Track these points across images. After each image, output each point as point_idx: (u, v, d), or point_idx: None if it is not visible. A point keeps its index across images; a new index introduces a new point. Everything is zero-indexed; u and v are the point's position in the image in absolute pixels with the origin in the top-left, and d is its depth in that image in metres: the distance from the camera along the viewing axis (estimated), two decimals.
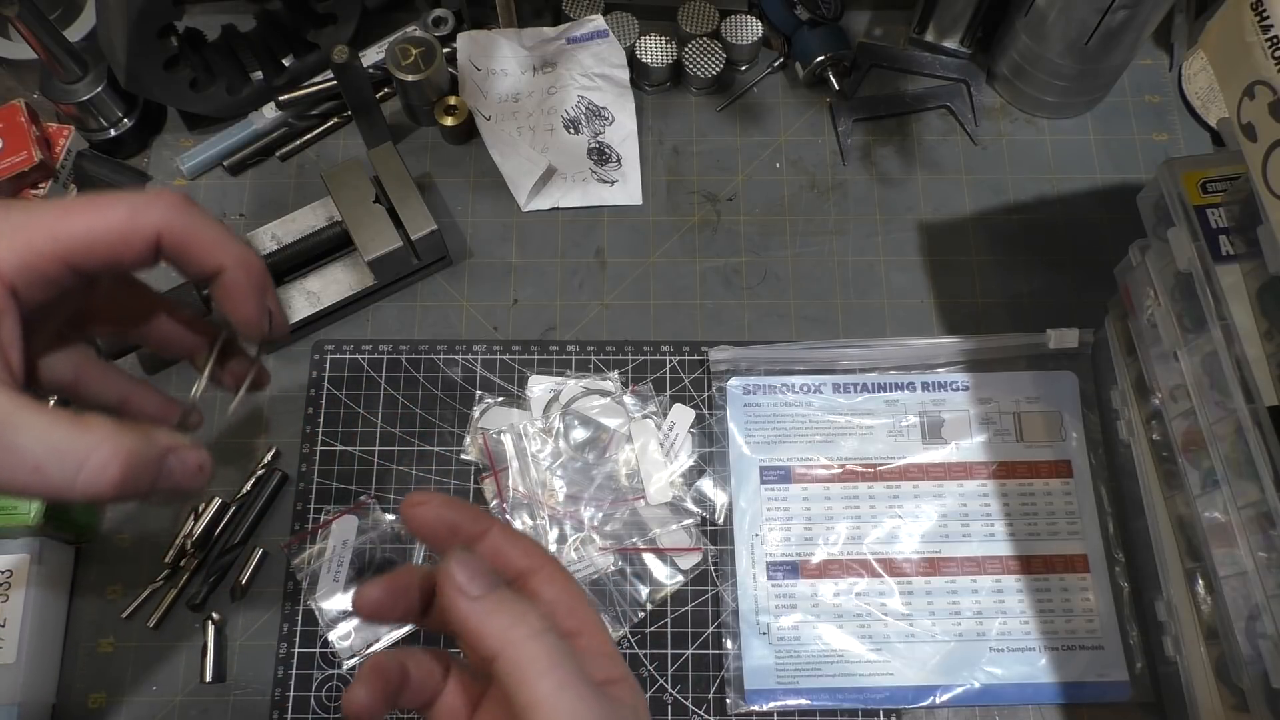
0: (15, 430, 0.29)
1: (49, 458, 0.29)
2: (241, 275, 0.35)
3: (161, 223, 0.33)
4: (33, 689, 0.55)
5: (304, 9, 0.68)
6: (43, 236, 0.31)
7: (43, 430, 0.29)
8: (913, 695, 0.56)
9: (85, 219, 0.31)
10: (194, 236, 0.33)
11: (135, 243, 0.32)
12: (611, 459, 0.60)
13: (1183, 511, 0.53)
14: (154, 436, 0.32)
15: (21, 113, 0.65)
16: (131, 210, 0.32)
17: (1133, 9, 0.59)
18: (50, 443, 0.29)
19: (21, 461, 0.29)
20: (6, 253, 0.30)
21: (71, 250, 0.31)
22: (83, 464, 0.29)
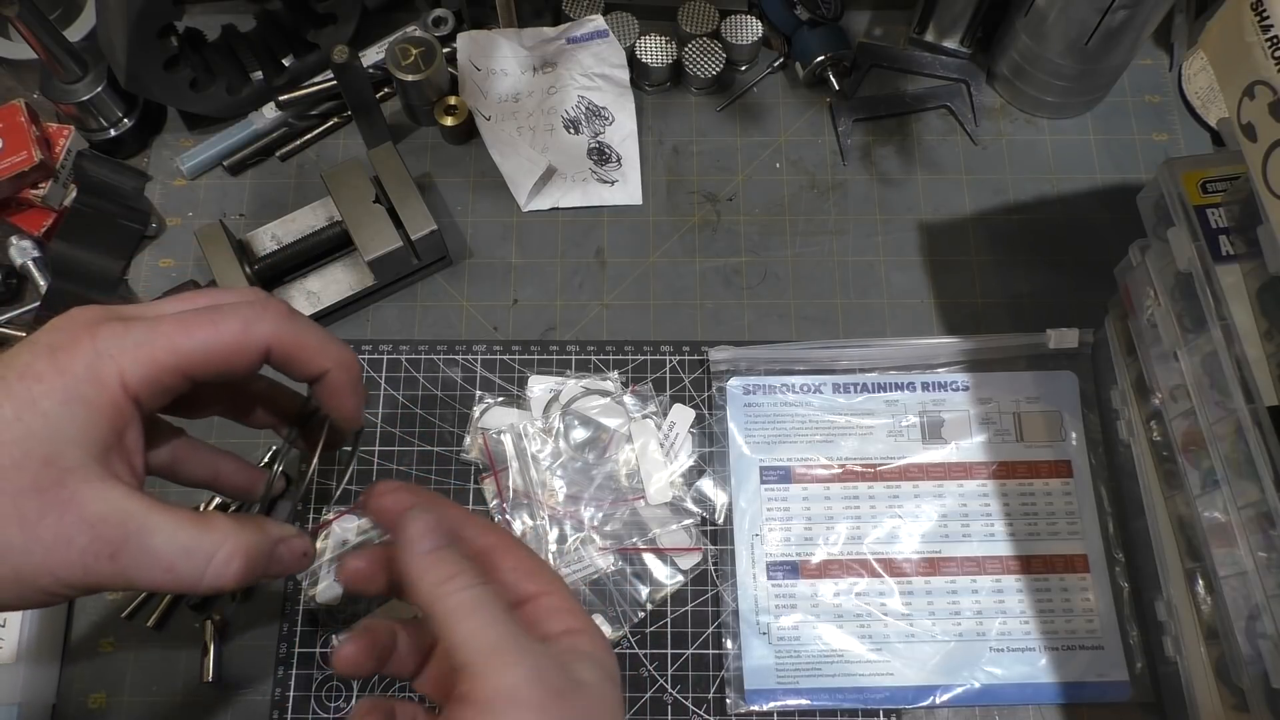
0: (150, 534, 0.32)
1: (179, 558, 0.32)
2: (343, 376, 0.38)
3: (272, 335, 0.35)
4: (33, 689, 0.55)
5: (304, 9, 0.68)
6: (164, 352, 0.33)
7: (172, 532, 0.32)
8: (913, 695, 0.56)
9: (203, 335, 0.34)
10: (302, 346, 0.36)
11: (248, 354, 0.35)
12: (611, 459, 0.60)
13: (1183, 511, 0.53)
14: (267, 530, 0.36)
15: (21, 113, 0.65)
16: (244, 324, 0.35)
17: (1133, 9, 0.59)
18: (180, 544, 0.32)
19: (156, 563, 0.32)
20: (132, 367, 0.32)
21: (190, 363, 0.34)
22: (209, 561, 0.33)
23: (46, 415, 0.31)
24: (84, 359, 0.32)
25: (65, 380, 0.32)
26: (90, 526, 0.31)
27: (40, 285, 0.63)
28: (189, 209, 0.69)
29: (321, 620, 0.58)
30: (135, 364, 0.32)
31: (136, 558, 0.32)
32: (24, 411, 0.31)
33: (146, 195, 0.68)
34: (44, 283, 0.63)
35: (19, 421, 0.31)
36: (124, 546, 0.31)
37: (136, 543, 0.32)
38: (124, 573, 0.32)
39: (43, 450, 0.31)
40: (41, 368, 0.32)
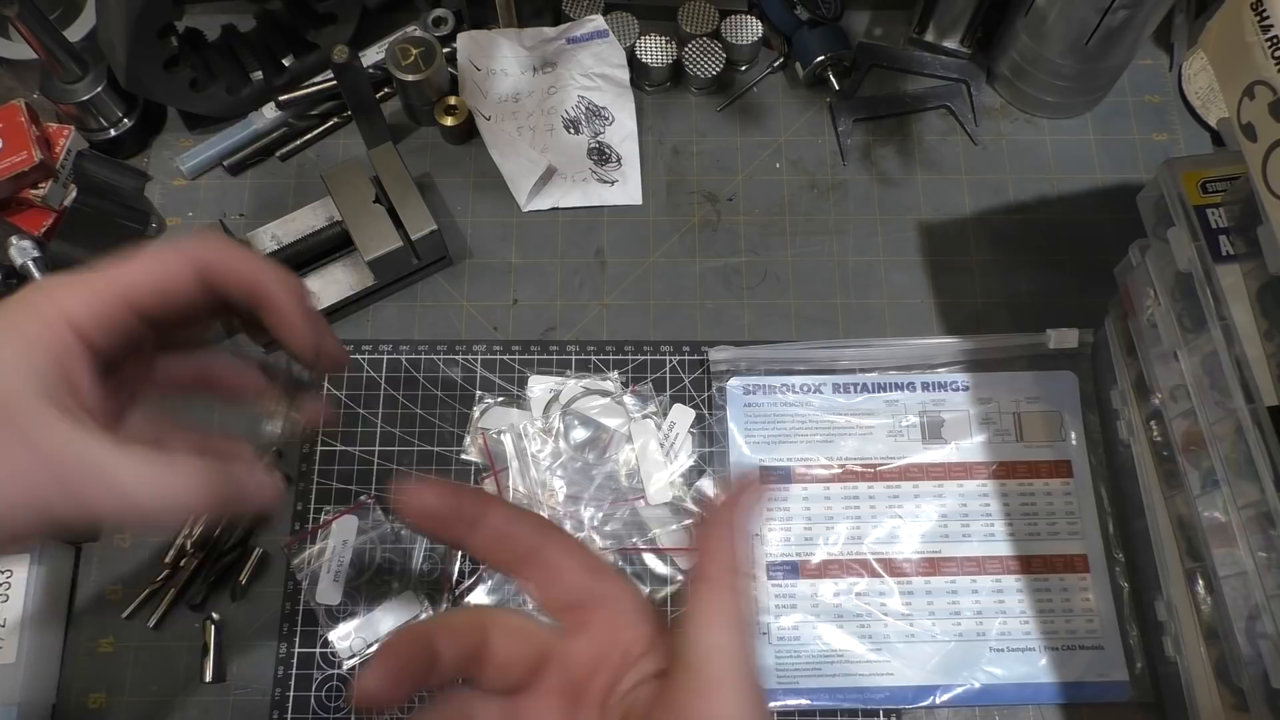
0: (107, 467, 0.32)
1: (142, 489, 0.32)
2: (282, 290, 0.38)
3: (206, 252, 0.36)
4: (33, 689, 0.55)
5: (304, 9, 0.68)
6: (105, 283, 0.34)
7: (132, 464, 0.32)
8: (913, 695, 0.56)
9: (140, 263, 0.35)
10: (230, 260, 0.37)
11: (181, 276, 0.35)
12: (611, 459, 0.60)
13: (1183, 511, 0.53)
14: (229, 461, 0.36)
15: (21, 113, 0.65)
16: (177, 249, 0.36)
17: (1133, 9, 0.59)
18: (139, 475, 0.32)
19: (116, 494, 0.32)
20: (74, 303, 0.33)
21: (130, 291, 0.34)
22: (171, 492, 0.33)
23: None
24: (29, 304, 0.33)
25: (13, 323, 0.32)
26: (45, 463, 0.31)
27: None
28: (189, 209, 0.69)
29: (321, 620, 0.58)
30: (76, 299, 0.33)
31: (95, 491, 0.32)
32: None
33: (146, 195, 0.68)
34: None
35: None
36: (81, 480, 0.31)
37: (93, 475, 0.32)
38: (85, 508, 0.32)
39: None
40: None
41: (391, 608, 0.57)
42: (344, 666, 0.57)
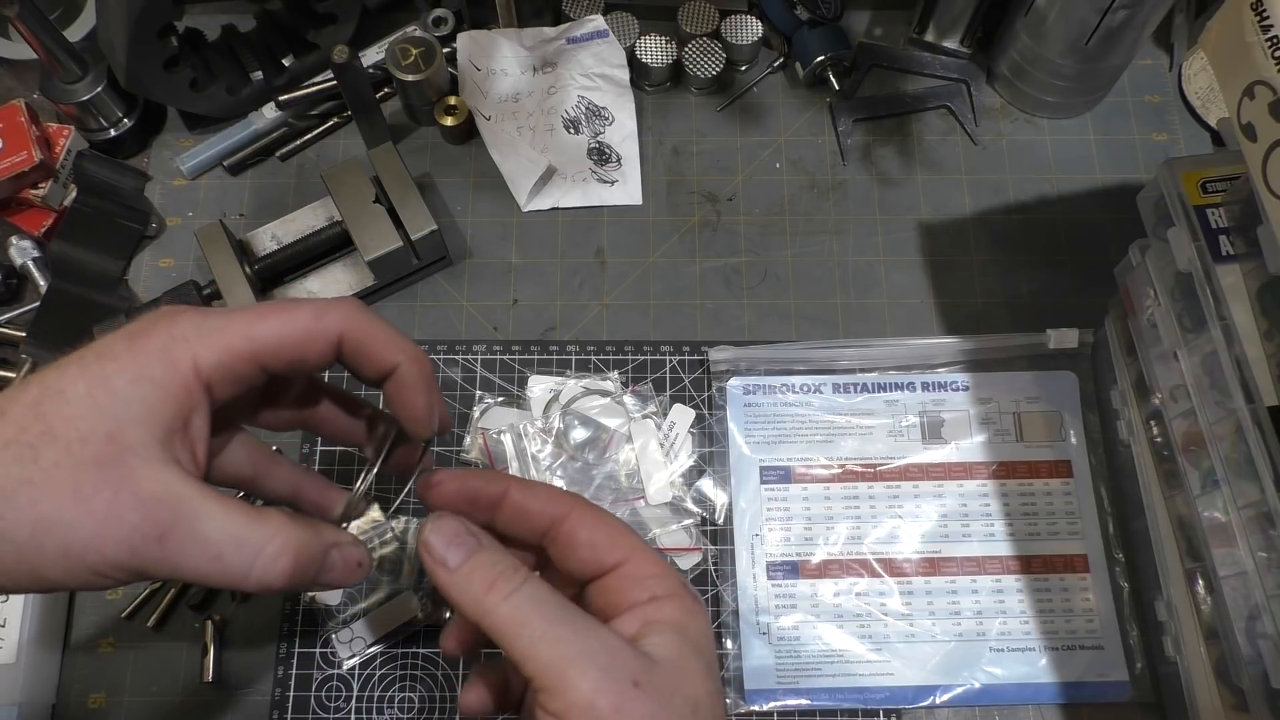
0: (201, 519, 0.31)
1: (229, 547, 0.32)
2: (414, 371, 0.37)
3: (344, 325, 0.35)
4: (33, 689, 0.55)
5: (304, 9, 0.68)
6: (238, 337, 0.33)
7: (224, 521, 0.32)
8: (913, 695, 0.56)
9: (276, 322, 0.34)
10: (371, 337, 0.36)
11: (319, 343, 0.35)
12: (611, 459, 0.60)
13: (1183, 511, 0.53)
14: (321, 532, 0.35)
15: (21, 113, 0.65)
16: (316, 314, 0.35)
17: (1133, 9, 0.59)
18: (230, 533, 0.32)
19: (205, 550, 0.32)
20: (206, 352, 0.33)
21: (263, 350, 0.34)
22: (259, 554, 0.32)
23: (115, 393, 0.31)
24: (158, 341, 0.32)
25: (138, 360, 0.32)
26: (142, 504, 0.31)
27: (40, 285, 0.63)
28: (189, 209, 0.69)
29: (321, 620, 0.58)
30: (209, 349, 0.33)
31: (185, 543, 0.31)
32: (95, 388, 0.31)
33: (146, 195, 0.68)
34: (44, 283, 0.63)
35: (90, 398, 0.31)
36: (173, 529, 0.31)
37: (186, 527, 0.31)
38: (170, 558, 0.31)
39: (108, 426, 0.31)
40: (118, 349, 0.32)
41: (391, 608, 0.57)
42: (344, 666, 0.57)
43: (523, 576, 0.33)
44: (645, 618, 0.34)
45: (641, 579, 0.35)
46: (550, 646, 0.31)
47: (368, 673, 0.57)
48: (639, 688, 0.31)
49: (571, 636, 0.32)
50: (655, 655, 0.33)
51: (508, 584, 0.33)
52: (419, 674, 0.57)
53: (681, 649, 0.33)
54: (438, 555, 0.34)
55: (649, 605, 0.34)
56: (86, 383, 0.31)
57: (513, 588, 0.33)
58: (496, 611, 0.32)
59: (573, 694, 0.30)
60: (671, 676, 0.32)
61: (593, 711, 0.30)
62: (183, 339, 0.33)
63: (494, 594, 0.33)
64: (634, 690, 0.31)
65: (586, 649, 0.31)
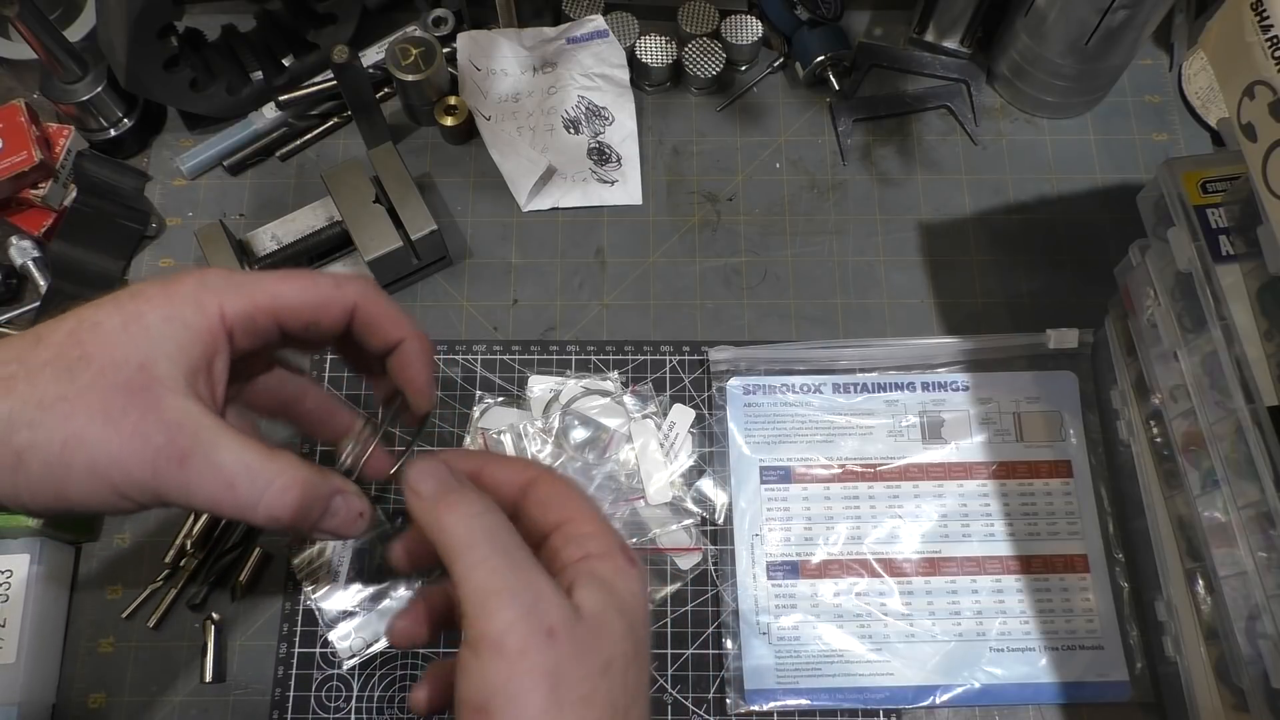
0: (219, 448, 0.34)
1: (241, 476, 0.34)
2: (417, 347, 0.40)
3: (359, 297, 0.39)
4: (33, 689, 0.55)
5: (304, 9, 0.68)
6: (264, 293, 0.36)
7: (240, 452, 0.34)
8: (913, 695, 0.56)
9: (299, 285, 0.37)
10: (384, 311, 0.39)
11: (335, 310, 0.38)
12: (611, 459, 0.60)
13: (1183, 511, 0.53)
14: (329, 477, 0.37)
15: (21, 113, 0.65)
16: (336, 282, 0.38)
17: (1133, 9, 0.59)
18: (244, 462, 0.34)
19: (220, 476, 0.34)
20: (232, 301, 0.36)
21: (284, 307, 0.37)
22: (269, 485, 0.34)
23: (149, 328, 0.34)
24: (190, 287, 0.35)
25: (171, 301, 0.35)
26: (166, 428, 0.33)
27: (40, 285, 0.63)
28: (189, 209, 0.69)
29: (321, 620, 0.58)
30: (236, 299, 0.35)
31: (202, 468, 0.33)
32: (130, 322, 0.34)
33: (146, 195, 0.68)
34: (44, 283, 0.63)
35: (124, 330, 0.34)
36: (193, 453, 0.33)
37: (205, 453, 0.33)
38: (189, 481, 0.33)
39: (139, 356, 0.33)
40: (152, 291, 0.35)
41: (391, 608, 0.57)
42: (344, 666, 0.57)
43: (487, 507, 0.35)
44: (581, 569, 0.35)
45: (580, 537, 0.36)
46: (485, 574, 0.33)
47: (368, 673, 0.57)
48: (551, 636, 0.32)
49: (507, 570, 0.33)
50: (582, 609, 0.34)
51: (469, 508, 0.35)
52: (419, 674, 0.57)
53: (605, 605, 0.34)
54: (414, 480, 0.36)
55: (582, 562, 0.35)
56: (122, 317, 0.34)
57: (474, 512, 0.34)
58: (452, 529, 0.34)
59: (487, 625, 0.32)
60: (591, 631, 0.33)
61: (499, 648, 0.31)
62: (213, 288, 0.35)
63: (454, 513, 0.34)
64: (545, 638, 0.32)
65: (514, 585, 0.33)
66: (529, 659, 0.31)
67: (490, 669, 0.31)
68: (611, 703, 0.33)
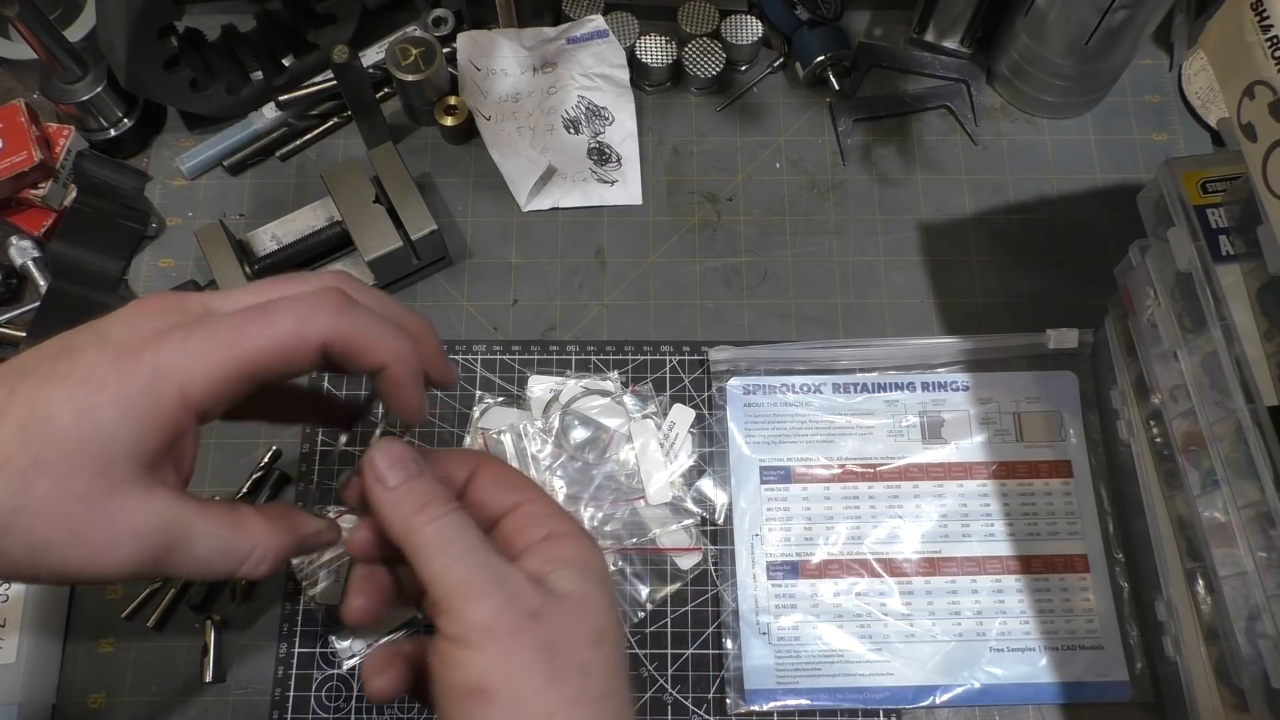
0: (192, 542, 0.34)
1: (217, 559, 0.35)
2: (401, 370, 0.37)
3: (328, 331, 0.35)
4: (33, 689, 0.55)
5: (304, 9, 0.68)
6: (223, 358, 0.34)
7: (213, 540, 0.35)
8: (913, 695, 0.56)
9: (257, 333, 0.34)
10: (356, 340, 0.36)
11: (303, 353, 0.35)
12: (611, 459, 0.60)
13: (1183, 511, 0.53)
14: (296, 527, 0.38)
15: (21, 113, 0.65)
16: (298, 323, 0.35)
17: (1133, 9, 0.59)
18: (217, 548, 0.35)
19: (196, 565, 0.35)
20: (193, 382, 0.33)
21: (249, 369, 0.34)
22: (244, 561, 0.36)
23: (102, 426, 0.32)
24: (145, 372, 0.32)
25: (125, 392, 0.32)
26: (136, 539, 0.33)
27: (40, 285, 0.63)
28: (189, 209, 0.69)
29: (321, 620, 0.58)
30: (195, 379, 0.33)
31: (178, 562, 0.34)
32: (82, 419, 0.32)
33: (146, 195, 0.68)
34: (44, 283, 0.63)
35: (76, 427, 0.31)
36: (168, 555, 0.34)
37: (180, 550, 0.34)
38: (164, 571, 0.34)
39: (96, 460, 0.32)
40: (104, 374, 0.32)
41: None
42: (344, 666, 0.57)
43: (453, 506, 0.35)
44: (547, 555, 0.36)
45: (538, 517, 0.37)
46: (463, 570, 0.33)
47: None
48: (536, 618, 0.33)
49: (483, 564, 0.34)
50: (560, 590, 0.35)
51: (438, 509, 0.35)
52: None
53: (586, 582, 0.35)
54: (379, 472, 0.36)
55: (547, 543, 0.36)
56: (73, 411, 0.31)
57: (442, 513, 0.35)
58: (422, 531, 0.34)
59: (473, 616, 0.33)
60: (575, 608, 0.34)
61: (490, 632, 0.32)
62: (169, 369, 0.33)
63: (422, 515, 0.35)
64: (532, 620, 0.33)
65: (493, 578, 0.34)
66: (522, 637, 0.33)
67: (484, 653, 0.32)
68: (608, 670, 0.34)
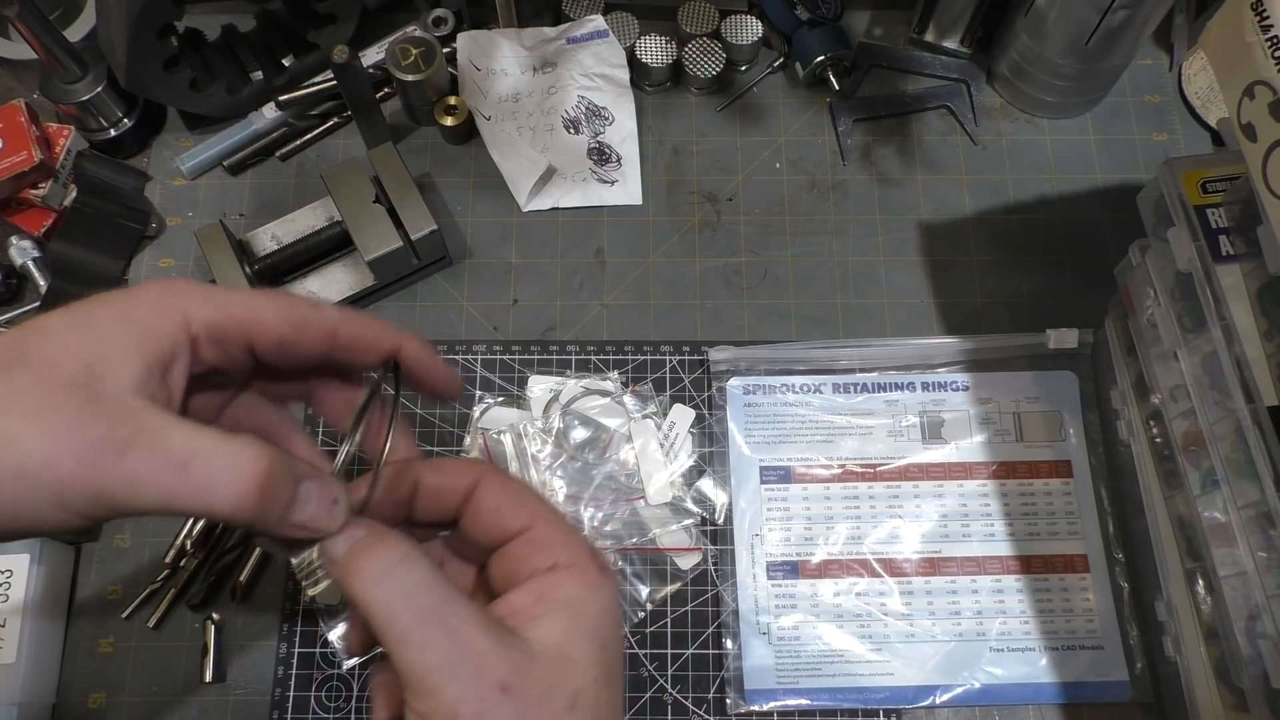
0: (167, 433, 0.30)
1: (196, 456, 0.30)
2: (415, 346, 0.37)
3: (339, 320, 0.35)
4: (33, 689, 0.55)
5: (304, 9, 0.68)
6: (236, 305, 0.33)
7: (192, 433, 0.30)
8: (913, 695, 0.56)
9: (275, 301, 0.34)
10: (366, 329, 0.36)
11: (313, 332, 0.35)
12: (611, 459, 0.60)
13: (1183, 511, 0.53)
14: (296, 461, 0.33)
15: (21, 113, 0.65)
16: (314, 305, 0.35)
17: (1133, 9, 0.59)
18: (197, 444, 0.30)
19: (169, 460, 0.29)
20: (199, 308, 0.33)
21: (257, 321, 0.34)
22: (230, 465, 0.30)
23: (98, 328, 0.31)
24: (153, 291, 0.33)
25: (128, 303, 0.32)
26: (106, 417, 0.29)
27: (40, 285, 0.63)
28: (189, 209, 0.69)
29: (321, 620, 0.58)
30: (203, 305, 0.33)
31: (148, 455, 0.29)
32: (79, 323, 0.31)
33: (146, 195, 0.68)
34: (44, 283, 0.63)
35: (71, 330, 0.31)
36: (136, 440, 0.29)
37: (151, 439, 0.30)
38: (133, 474, 0.29)
39: (85, 356, 0.31)
40: (111, 296, 0.33)
41: None
42: (344, 666, 0.57)
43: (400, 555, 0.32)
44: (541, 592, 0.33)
45: (545, 544, 0.34)
46: (416, 650, 0.30)
47: (368, 673, 0.57)
48: (506, 692, 0.30)
49: (439, 640, 0.30)
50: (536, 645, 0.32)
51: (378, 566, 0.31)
52: None
53: (570, 633, 0.32)
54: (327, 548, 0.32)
55: (548, 576, 0.33)
56: (70, 319, 0.31)
57: (383, 571, 0.31)
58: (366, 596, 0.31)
59: (437, 699, 0.30)
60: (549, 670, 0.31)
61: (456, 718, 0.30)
62: (178, 292, 0.33)
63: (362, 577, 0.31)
64: (500, 695, 0.30)
65: (451, 658, 0.30)
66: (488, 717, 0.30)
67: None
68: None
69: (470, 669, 0.30)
